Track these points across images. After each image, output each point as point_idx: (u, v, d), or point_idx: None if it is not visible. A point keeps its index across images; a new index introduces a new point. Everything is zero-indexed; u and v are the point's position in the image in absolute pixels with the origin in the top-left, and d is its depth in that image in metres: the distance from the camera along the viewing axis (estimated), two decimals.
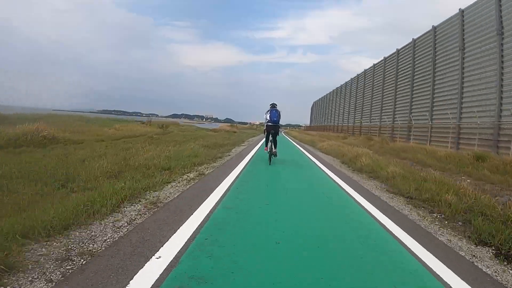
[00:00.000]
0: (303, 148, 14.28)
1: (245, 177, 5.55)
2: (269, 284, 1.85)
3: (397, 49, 19.44)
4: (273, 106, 8.07)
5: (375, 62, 23.69)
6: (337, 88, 36.93)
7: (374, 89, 23.76)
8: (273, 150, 7.73)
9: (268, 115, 7.89)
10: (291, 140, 22.11)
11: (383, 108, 21.46)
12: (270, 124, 7.90)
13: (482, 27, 11.27)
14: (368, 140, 17.94)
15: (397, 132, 18.14)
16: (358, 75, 28.33)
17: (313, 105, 61.29)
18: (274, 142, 7.85)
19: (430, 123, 14.42)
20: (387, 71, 21.17)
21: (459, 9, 12.81)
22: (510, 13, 10.05)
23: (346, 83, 33.04)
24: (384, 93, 21.47)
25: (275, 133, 7.86)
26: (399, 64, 19.07)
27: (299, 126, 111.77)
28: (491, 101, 10.57)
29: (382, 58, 22.09)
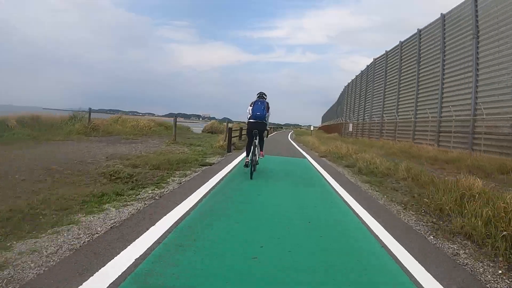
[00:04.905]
0: None
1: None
2: None
3: None
4: (261, 96, 5.98)
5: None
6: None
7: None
8: (256, 159, 5.52)
9: (251, 108, 5.72)
10: None
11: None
12: (252, 121, 5.65)
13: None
14: None
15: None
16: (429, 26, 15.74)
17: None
18: (261, 142, 5.86)
19: None
20: None
21: None
22: None
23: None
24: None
25: (260, 134, 5.70)
26: None
27: (299, 126, 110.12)
28: None
29: None
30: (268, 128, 6.36)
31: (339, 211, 3.77)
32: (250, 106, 5.79)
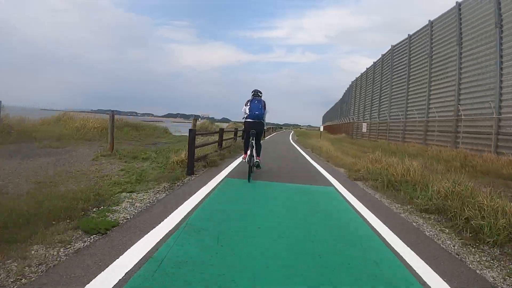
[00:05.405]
0: None
1: None
2: None
3: None
4: (256, 94, 5.65)
5: None
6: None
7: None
8: (255, 160, 5.21)
9: (248, 107, 5.49)
10: None
11: None
12: (249, 120, 5.46)
13: None
14: None
15: None
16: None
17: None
18: (257, 146, 5.46)
19: None
20: None
21: None
22: None
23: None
24: None
25: (257, 135, 5.42)
26: None
27: (298, 126, 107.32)
28: None
29: None
30: (265, 128, 6.13)
31: None
32: (246, 105, 5.56)
